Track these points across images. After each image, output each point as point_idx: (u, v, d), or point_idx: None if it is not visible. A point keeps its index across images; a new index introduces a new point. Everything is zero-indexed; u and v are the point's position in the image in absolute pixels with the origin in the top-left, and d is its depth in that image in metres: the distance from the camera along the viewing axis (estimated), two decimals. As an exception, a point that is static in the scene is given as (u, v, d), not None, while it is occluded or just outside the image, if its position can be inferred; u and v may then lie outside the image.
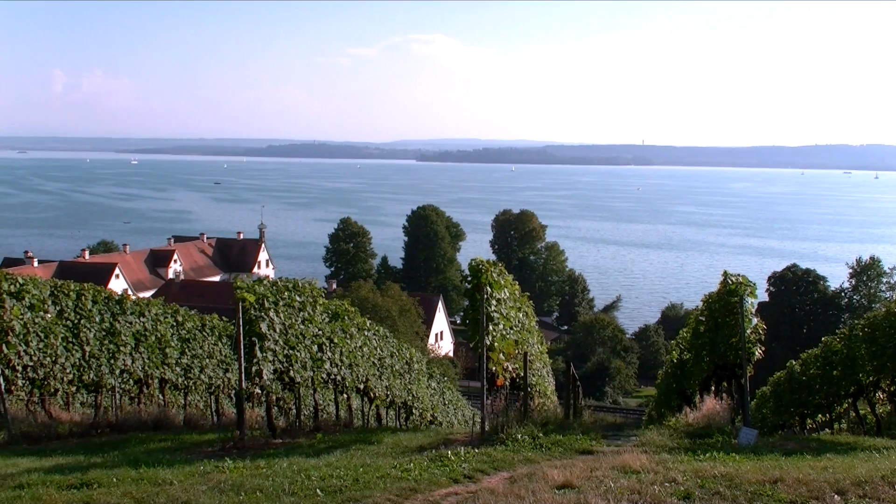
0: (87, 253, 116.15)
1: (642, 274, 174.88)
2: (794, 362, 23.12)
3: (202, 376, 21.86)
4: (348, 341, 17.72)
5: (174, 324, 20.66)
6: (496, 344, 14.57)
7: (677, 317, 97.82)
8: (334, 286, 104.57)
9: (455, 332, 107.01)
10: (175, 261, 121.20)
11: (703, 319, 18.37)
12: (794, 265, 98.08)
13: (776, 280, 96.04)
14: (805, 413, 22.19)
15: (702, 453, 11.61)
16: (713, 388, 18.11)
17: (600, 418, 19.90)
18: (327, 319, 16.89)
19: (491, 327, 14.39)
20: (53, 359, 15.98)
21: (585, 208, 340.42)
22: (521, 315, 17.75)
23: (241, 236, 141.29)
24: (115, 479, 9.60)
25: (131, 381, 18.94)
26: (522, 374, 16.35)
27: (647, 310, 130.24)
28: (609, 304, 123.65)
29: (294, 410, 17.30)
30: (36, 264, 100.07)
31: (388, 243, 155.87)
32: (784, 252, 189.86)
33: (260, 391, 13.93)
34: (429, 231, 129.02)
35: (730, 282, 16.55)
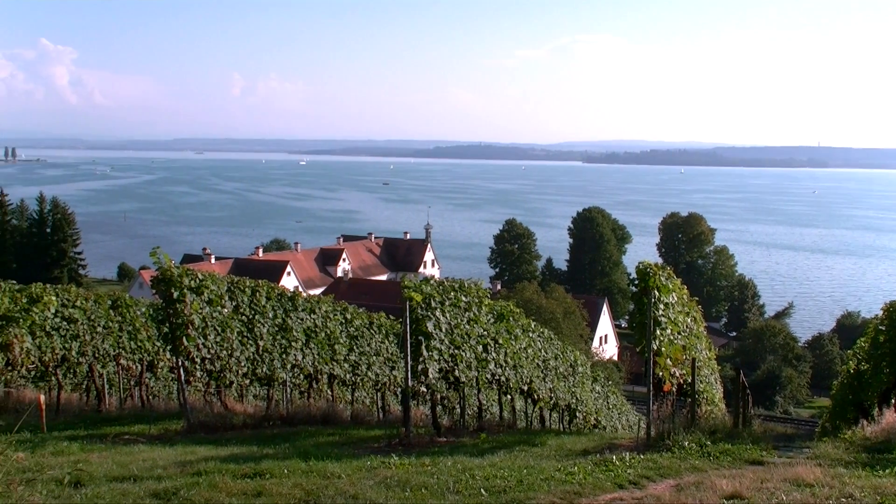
0: (260, 250, 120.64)
1: (817, 280, 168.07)
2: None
3: (369, 373, 22.33)
4: (513, 342, 17.75)
5: (343, 321, 21.17)
6: (663, 349, 14.31)
7: (854, 326, 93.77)
8: (499, 287, 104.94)
9: (620, 336, 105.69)
10: (344, 259, 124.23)
11: (884, 329, 17.51)
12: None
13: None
14: None
15: (881, 469, 11.05)
16: (893, 401, 17.26)
17: (770, 428, 19.24)
18: (492, 320, 16.97)
19: (658, 332, 14.15)
20: (229, 352, 16.61)
21: (757, 212, 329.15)
22: (688, 320, 17.38)
23: (408, 236, 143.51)
24: (285, 471, 9.88)
25: (301, 376, 19.53)
26: (690, 381, 15.99)
27: (822, 318, 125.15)
28: (780, 310, 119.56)
29: (458, 410, 17.46)
30: (213, 261, 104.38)
31: (553, 245, 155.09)
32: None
33: (425, 389, 14.11)
34: (594, 233, 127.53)
35: (914, 290, 15.73)
